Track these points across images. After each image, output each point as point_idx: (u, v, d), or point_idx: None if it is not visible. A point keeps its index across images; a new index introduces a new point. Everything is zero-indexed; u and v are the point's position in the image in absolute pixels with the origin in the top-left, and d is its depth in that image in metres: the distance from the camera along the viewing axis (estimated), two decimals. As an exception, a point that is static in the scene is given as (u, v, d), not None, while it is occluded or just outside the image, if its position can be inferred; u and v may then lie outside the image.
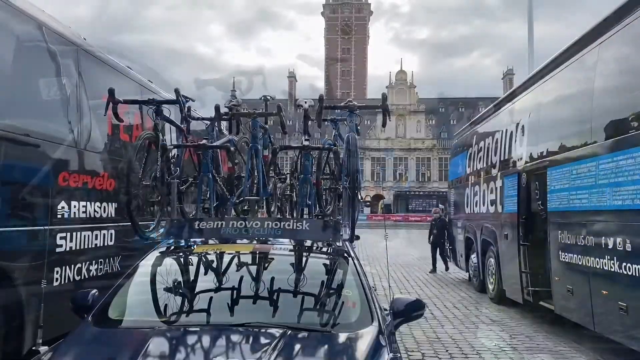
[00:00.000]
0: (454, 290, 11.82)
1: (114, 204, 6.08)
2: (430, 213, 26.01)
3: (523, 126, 8.54)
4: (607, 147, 5.75)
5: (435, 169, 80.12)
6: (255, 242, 3.78)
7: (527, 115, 8.40)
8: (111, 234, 6.11)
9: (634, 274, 5.15)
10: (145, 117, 4.31)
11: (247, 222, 3.75)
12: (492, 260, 10.19)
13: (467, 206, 12.30)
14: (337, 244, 3.78)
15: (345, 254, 3.69)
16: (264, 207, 4.49)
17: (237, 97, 4.71)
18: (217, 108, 4.12)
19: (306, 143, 4.06)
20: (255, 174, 4.09)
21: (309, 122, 4.43)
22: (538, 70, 8.39)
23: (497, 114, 10.42)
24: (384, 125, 4.56)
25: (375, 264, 17.81)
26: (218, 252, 3.73)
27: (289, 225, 3.74)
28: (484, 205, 10.79)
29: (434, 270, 15.23)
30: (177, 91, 4.06)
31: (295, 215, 4.19)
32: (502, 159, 9.67)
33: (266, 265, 3.63)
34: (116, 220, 6.07)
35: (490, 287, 10.38)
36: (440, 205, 19.86)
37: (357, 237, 13.51)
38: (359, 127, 4.87)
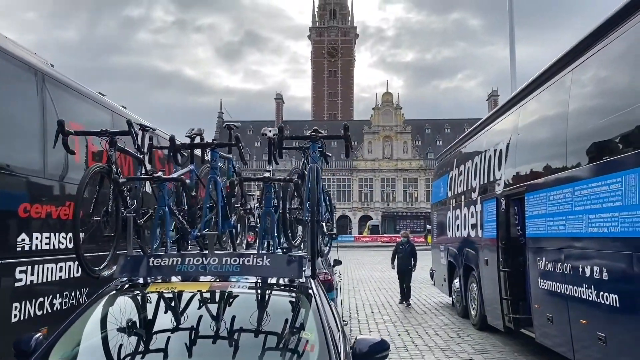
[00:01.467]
0: (436, 316, 11.64)
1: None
2: (413, 234, 25.36)
3: (501, 150, 8.50)
4: (583, 173, 5.70)
5: (423, 190, 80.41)
6: (216, 278, 3.61)
7: (505, 139, 8.37)
8: (77, 266, 5.88)
9: (611, 303, 5.04)
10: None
11: (204, 259, 3.58)
12: (474, 285, 10.06)
13: (449, 230, 12.20)
14: (301, 280, 3.61)
15: (310, 292, 3.52)
16: (229, 240, 4.33)
17: (216, 122, 4.50)
18: (171, 139, 3.96)
19: (267, 174, 3.89)
20: (220, 206, 3.93)
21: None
22: (514, 95, 8.40)
23: (476, 138, 10.40)
24: (347, 155, 4.42)
25: (359, 288, 17.64)
26: (174, 290, 3.55)
27: (248, 261, 3.58)
28: (465, 229, 10.70)
29: (402, 300, 13.62)
30: (129, 123, 3.90)
31: (258, 249, 4.00)
32: (481, 182, 9.61)
33: (223, 305, 3.45)
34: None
35: (473, 313, 10.22)
36: (428, 227, 18.33)
37: (339, 262, 13.29)
38: (329, 155, 4.74)
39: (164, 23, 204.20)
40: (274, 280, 3.62)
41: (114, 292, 3.48)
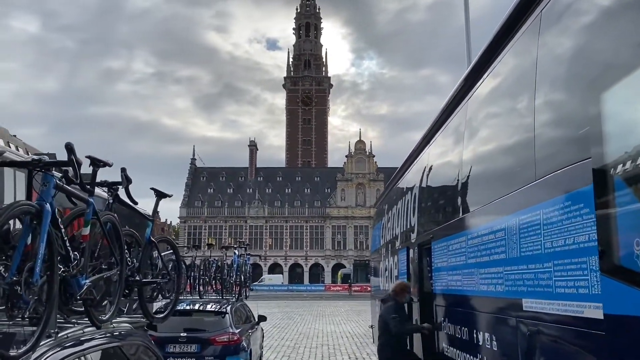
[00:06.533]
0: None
1: None
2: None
3: (415, 195, 7.71)
4: (474, 218, 4.89)
5: (395, 238, 79.36)
6: None
7: (418, 183, 7.60)
8: None
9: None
10: None
11: None
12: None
13: (381, 281, 11.26)
14: None
15: None
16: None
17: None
18: None
19: None
20: None
21: None
22: (425, 134, 7.68)
23: (398, 183, 9.64)
24: (80, 185, 3.10)
25: (301, 344, 16.26)
26: None
27: None
28: (392, 281, 9.76)
29: None
30: None
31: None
32: (402, 230, 8.77)
33: None
34: None
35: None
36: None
37: (264, 318, 11.99)
38: (99, 188, 3.45)
39: (144, 74, 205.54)
40: None
41: None
